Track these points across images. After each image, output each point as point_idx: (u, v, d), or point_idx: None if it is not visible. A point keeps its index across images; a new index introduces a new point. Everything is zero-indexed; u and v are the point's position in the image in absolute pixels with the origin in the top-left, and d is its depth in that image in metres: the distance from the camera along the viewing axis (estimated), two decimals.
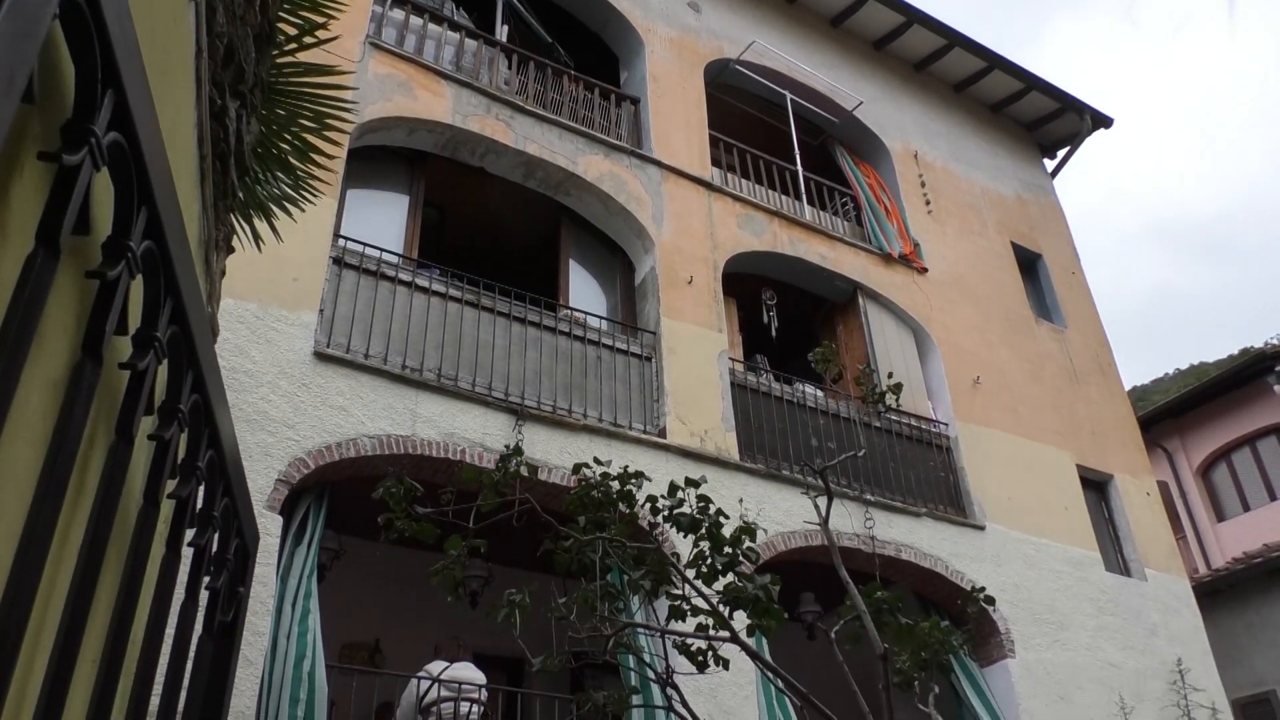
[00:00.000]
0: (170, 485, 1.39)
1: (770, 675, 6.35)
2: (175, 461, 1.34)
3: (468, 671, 6.69)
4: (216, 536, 1.61)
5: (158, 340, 1.15)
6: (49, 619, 1.09)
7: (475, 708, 6.52)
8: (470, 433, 7.29)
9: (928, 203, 12.23)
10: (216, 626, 1.71)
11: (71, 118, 0.92)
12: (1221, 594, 12.22)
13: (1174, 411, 18.12)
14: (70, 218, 0.89)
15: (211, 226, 1.95)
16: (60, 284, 1.01)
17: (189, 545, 1.48)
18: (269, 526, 6.19)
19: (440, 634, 7.35)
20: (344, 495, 7.12)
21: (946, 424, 10.40)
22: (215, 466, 1.51)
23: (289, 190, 3.80)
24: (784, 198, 11.26)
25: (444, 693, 6.46)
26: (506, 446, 4.62)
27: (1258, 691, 11.61)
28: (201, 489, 1.52)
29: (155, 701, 1.50)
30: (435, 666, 6.68)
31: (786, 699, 7.39)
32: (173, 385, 1.28)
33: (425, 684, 6.44)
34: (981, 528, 9.74)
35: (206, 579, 1.63)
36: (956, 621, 7.67)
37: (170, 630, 1.54)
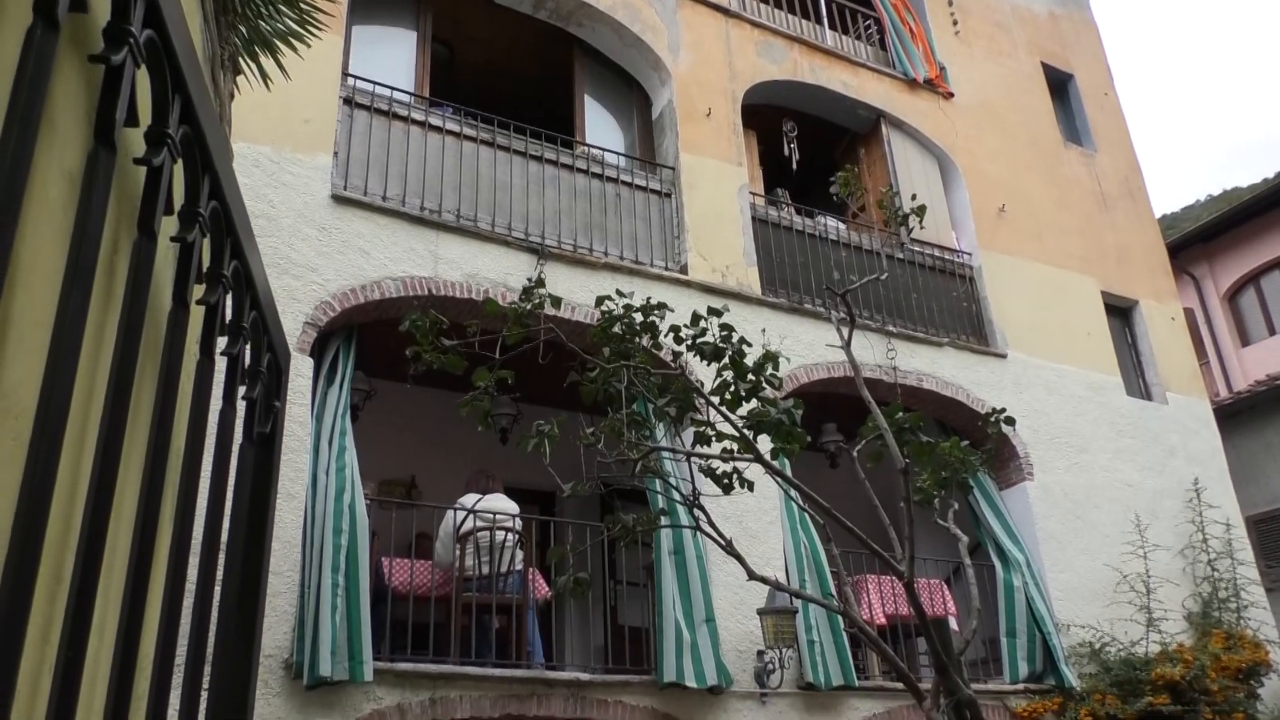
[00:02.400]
0: (198, 292, 1.41)
1: (794, 495, 6.55)
2: (200, 268, 1.35)
3: (501, 502, 6.95)
4: (248, 348, 1.64)
5: (170, 137, 1.14)
6: (92, 412, 1.13)
7: (510, 536, 6.79)
8: (492, 273, 7.30)
9: (955, 23, 11.71)
10: (256, 436, 1.77)
11: None
12: (1242, 415, 12.33)
13: (1203, 237, 17.81)
14: None
15: (215, 42, 1.90)
16: (66, 72, 0.99)
17: (222, 354, 1.51)
18: (300, 368, 6.32)
19: (471, 468, 7.59)
20: (372, 338, 7.22)
21: (970, 253, 10.30)
22: (241, 277, 1.52)
23: (293, 25, 3.68)
24: (804, 22, 10.81)
25: (479, 523, 6.73)
26: (529, 279, 4.63)
27: (1272, 508, 11.87)
28: (229, 301, 1.54)
29: (202, 505, 1.57)
30: (469, 499, 6.94)
31: (810, 522, 7.65)
32: (190, 189, 1.28)
33: (461, 515, 6.70)
34: (1003, 356, 9.79)
35: (242, 389, 1.67)
36: (976, 446, 7.83)
37: (210, 441, 1.59)
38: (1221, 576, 9.56)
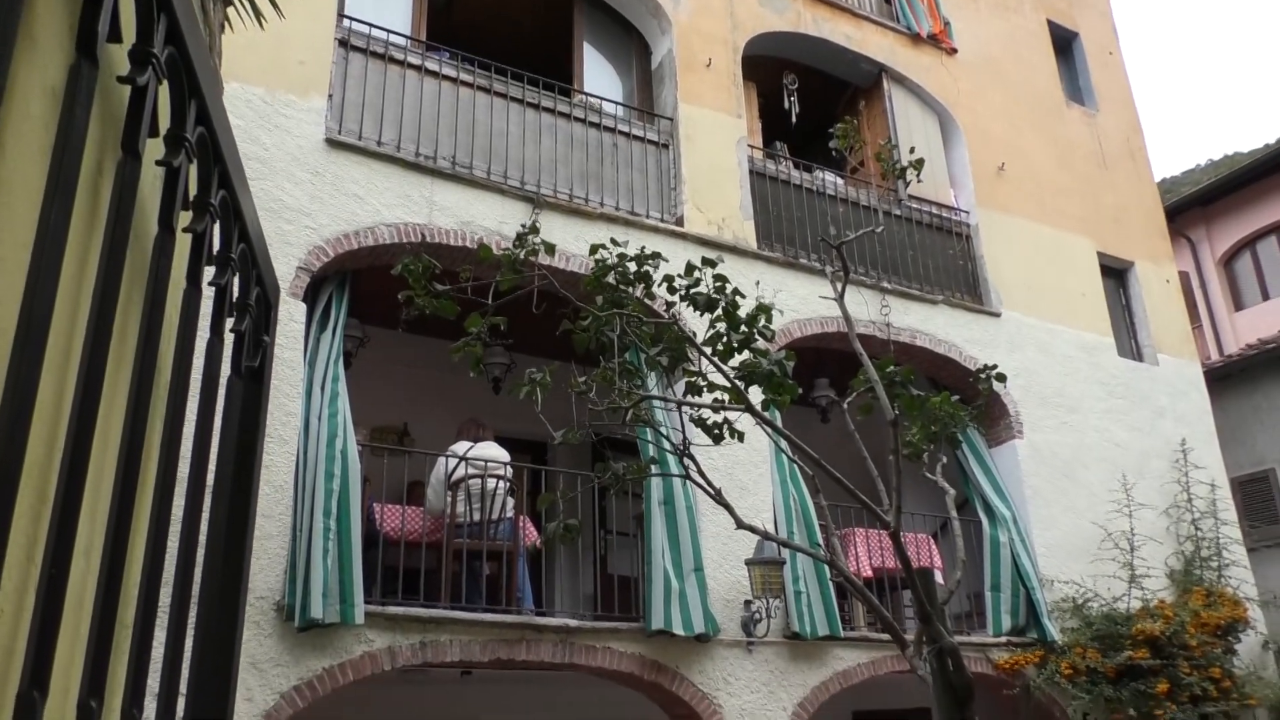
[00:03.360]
0: (185, 220, 1.39)
1: (783, 446, 6.59)
2: (186, 195, 1.34)
3: (492, 450, 6.98)
4: (236, 281, 1.63)
5: (155, 56, 1.12)
6: (76, 335, 1.12)
7: (501, 484, 6.84)
8: (487, 221, 7.26)
9: None
10: (245, 371, 1.76)
11: None
12: (1233, 378, 12.39)
13: (1201, 200, 17.75)
14: None
15: None
16: None
17: (210, 285, 1.50)
18: (293, 313, 6.31)
19: (463, 417, 7.61)
20: (366, 286, 7.20)
21: (968, 211, 10.26)
22: (229, 208, 1.51)
23: None
24: None
25: (471, 470, 6.77)
26: (523, 225, 4.61)
27: (1257, 470, 11.98)
28: (217, 231, 1.52)
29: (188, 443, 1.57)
30: (460, 446, 6.97)
31: (799, 475, 7.70)
32: (176, 113, 1.26)
33: (453, 462, 6.73)
34: (997, 314, 9.80)
35: (230, 322, 1.67)
36: (967, 403, 7.87)
37: (198, 375, 1.59)
38: (1204, 536, 9.68)
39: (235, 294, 1.68)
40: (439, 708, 8.79)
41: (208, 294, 1.54)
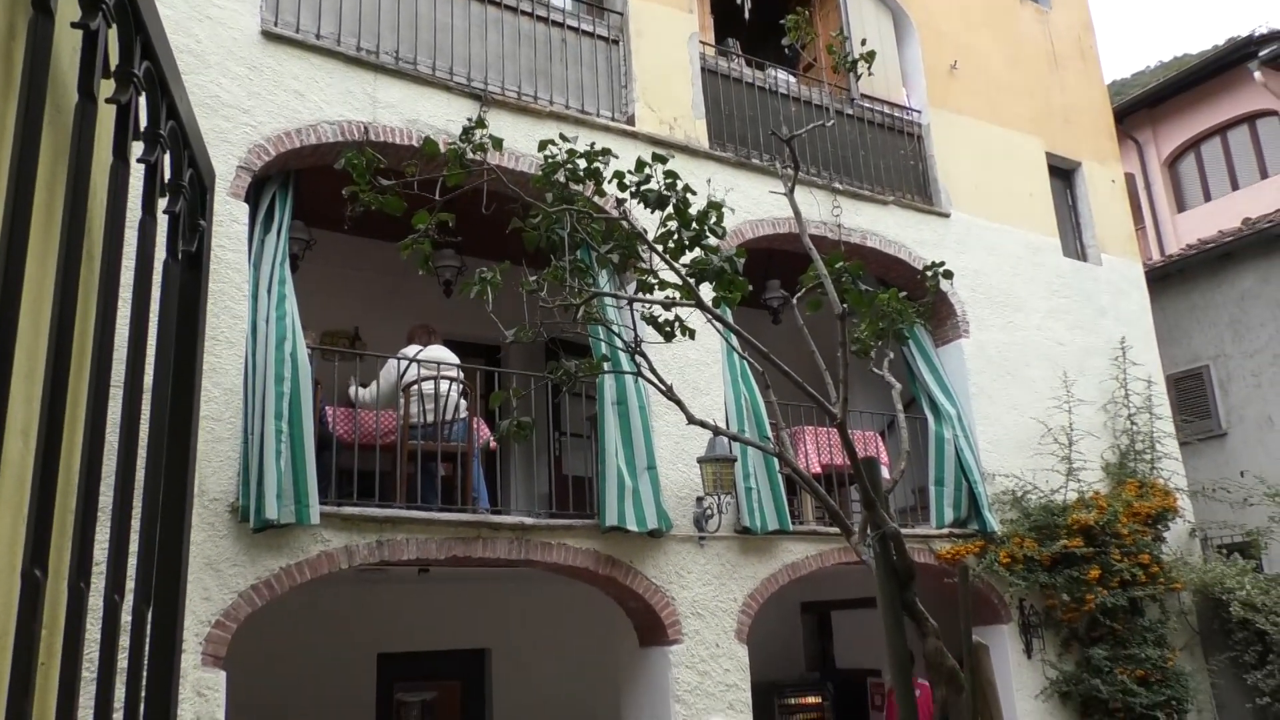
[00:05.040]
0: (108, 90, 1.34)
1: (733, 343, 6.65)
2: (107, 62, 1.28)
3: (442, 353, 6.97)
4: (168, 158, 1.58)
5: None
6: None
7: (454, 386, 6.84)
8: (433, 119, 7.08)
9: None
10: (182, 256, 1.73)
11: None
12: (1171, 278, 12.67)
13: (1149, 102, 17.85)
14: None
15: None
16: None
17: (139, 161, 1.45)
18: (235, 214, 6.15)
19: (416, 322, 7.56)
20: (310, 186, 7.02)
21: (920, 111, 10.22)
22: (154, 80, 1.45)
23: None
24: None
25: (423, 372, 6.76)
26: (469, 119, 4.50)
27: (1192, 367, 12.37)
28: (144, 105, 1.47)
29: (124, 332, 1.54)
30: (410, 350, 6.94)
31: (750, 374, 7.80)
32: None
33: (404, 364, 6.71)
34: (946, 215, 9.86)
35: (163, 203, 1.62)
36: (915, 301, 7.97)
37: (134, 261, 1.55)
38: (1140, 430, 10.03)
39: (168, 174, 1.64)
40: (398, 605, 8.95)
41: (151, 192, 1.50)
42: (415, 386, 6.71)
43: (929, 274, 5.23)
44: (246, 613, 5.68)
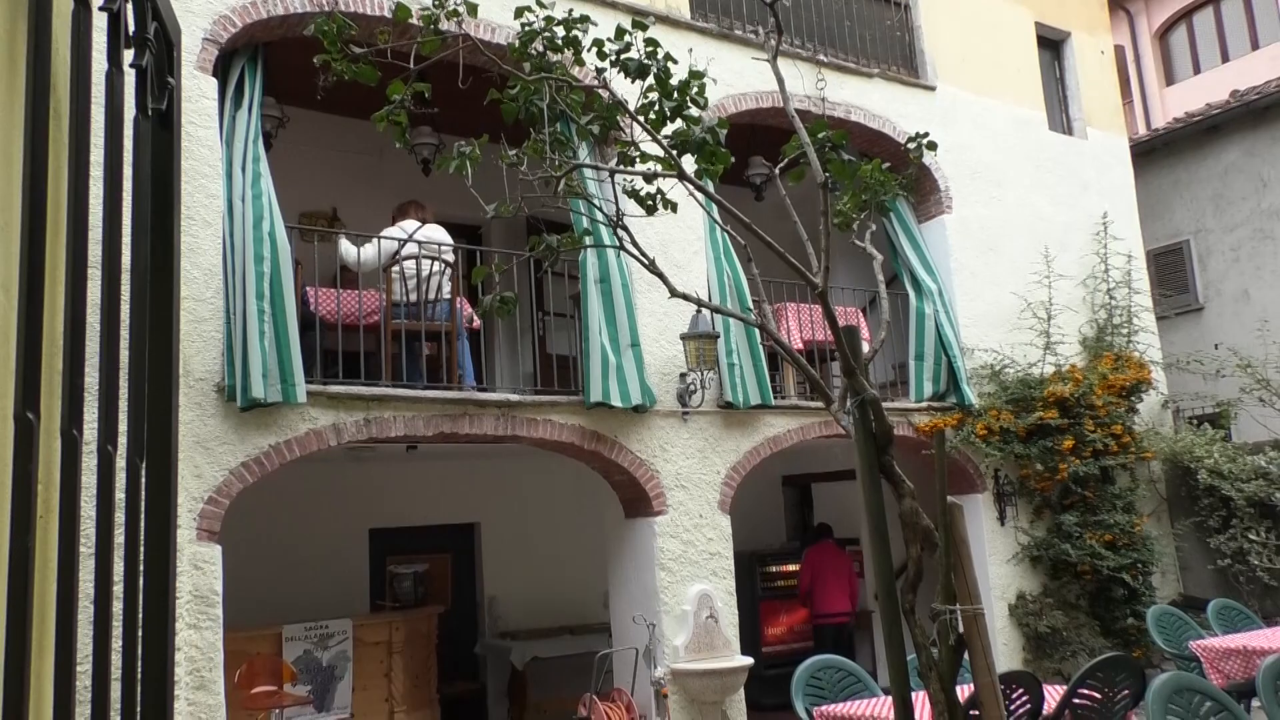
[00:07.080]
0: None
1: (714, 216, 6.62)
2: None
3: (439, 233, 6.94)
4: (130, 10, 1.54)
5: None
6: None
7: (437, 265, 6.81)
8: None
9: None
10: (152, 113, 1.70)
11: None
12: (1157, 152, 12.58)
13: None
14: None
15: None
16: None
17: (100, 10, 1.42)
18: (204, 89, 5.99)
19: (394, 202, 7.47)
20: (281, 61, 6.81)
21: None
22: None
23: None
24: None
25: (413, 252, 6.73)
26: None
27: (1172, 242, 12.40)
28: None
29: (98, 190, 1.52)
30: (410, 225, 6.91)
31: (733, 250, 7.79)
32: None
33: (402, 237, 6.69)
34: (932, 89, 9.70)
35: (130, 56, 1.59)
36: (899, 174, 7.91)
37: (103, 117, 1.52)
38: (1118, 305, 10.13)
39: (131, 27, 1.59)
40: (388, 482, 9.13)
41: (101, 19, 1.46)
42: (397, 267, 6.68)
43: (911, 147, 5.19)
44: (238, 489, 5.78)
